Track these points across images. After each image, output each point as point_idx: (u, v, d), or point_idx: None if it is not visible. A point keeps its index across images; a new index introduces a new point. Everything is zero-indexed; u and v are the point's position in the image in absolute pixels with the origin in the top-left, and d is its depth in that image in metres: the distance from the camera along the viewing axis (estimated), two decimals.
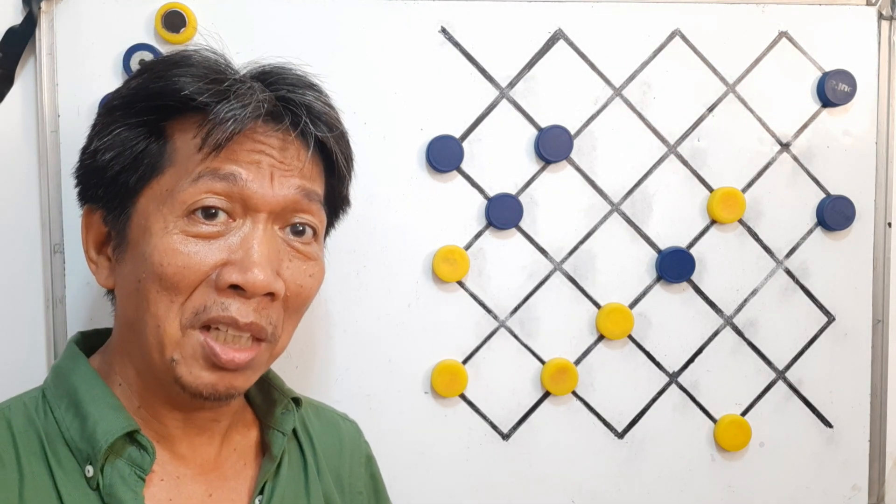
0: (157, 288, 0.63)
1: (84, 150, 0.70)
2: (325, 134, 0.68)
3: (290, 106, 0.67)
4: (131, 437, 0.65)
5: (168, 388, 0.66)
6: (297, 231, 0.68)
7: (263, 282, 0.63)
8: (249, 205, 0.65)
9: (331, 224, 0.77)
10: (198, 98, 0.64)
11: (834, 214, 1.00)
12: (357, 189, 0.93)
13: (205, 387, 0.64)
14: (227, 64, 0.69)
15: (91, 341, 0.74)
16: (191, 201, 0.63)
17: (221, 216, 0.64)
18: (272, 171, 0.66)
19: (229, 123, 0.63)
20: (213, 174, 0.63)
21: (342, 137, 0.72)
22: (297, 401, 0.76)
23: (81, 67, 0.89)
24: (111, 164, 0.67)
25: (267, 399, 0.76)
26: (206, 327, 0.64)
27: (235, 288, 0.63)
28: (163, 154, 0.66)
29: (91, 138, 0.69)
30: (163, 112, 0.66)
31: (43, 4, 0.88)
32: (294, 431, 0.77)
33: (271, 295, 0.65)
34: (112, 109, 0.68)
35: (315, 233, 0.70)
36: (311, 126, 0.67)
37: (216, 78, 0.65)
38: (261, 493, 0.71)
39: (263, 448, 0.75)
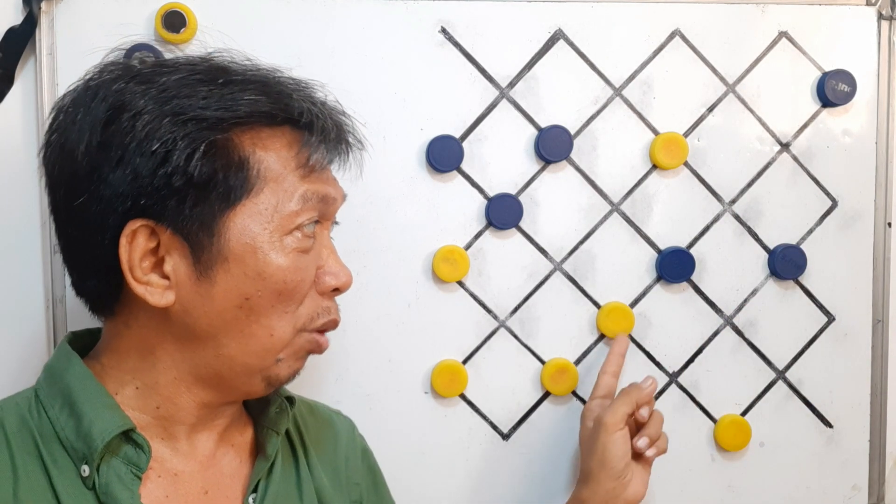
0: (273, 302, 0.67)
1: (162, 162, 0.63)
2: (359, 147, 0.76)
3: (347, 132, 0.73)
4: (127, 435, 0.65)
5: (236, 387, 0.69)
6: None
7: (351, 279, 0.72)
8: (326, 216, 0.71)
9: None
10: (301, 119, 0.67)
11: (784, 264, 1.00)
12: (357, 189, 0.94)
13: (295, 372, 0.72)
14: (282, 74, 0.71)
15: (83, 341, 0.73)
16: (299, 221, 0.67)
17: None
18: (335, 184, 0.72)
19: (326, 148, 0.69)
20: (316, 195, 0.68)
21: None
22: (290, 400, 0.77)
23: (81, 67, 0.88)
24: (209, 181, 0.63)
25: (261, 399, 0.76)
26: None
27: (334, 290, 0.71)
28: (249, 171, 0.65)
29: (169, 150, 0.62)
30: (239, 126, 0.65)
31: (43, 4, 0.88)
32: (286, 431, 0.78)
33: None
34: (184, 119, 0.63)
35: None
36: (353, 140, 0.74)
37: (305, 95, 0.69)
38: (254, 491, 0.72)
39: (257, 447, 0.75)
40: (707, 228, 1.00)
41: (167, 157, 0.62)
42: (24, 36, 0.88)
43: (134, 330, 0.68)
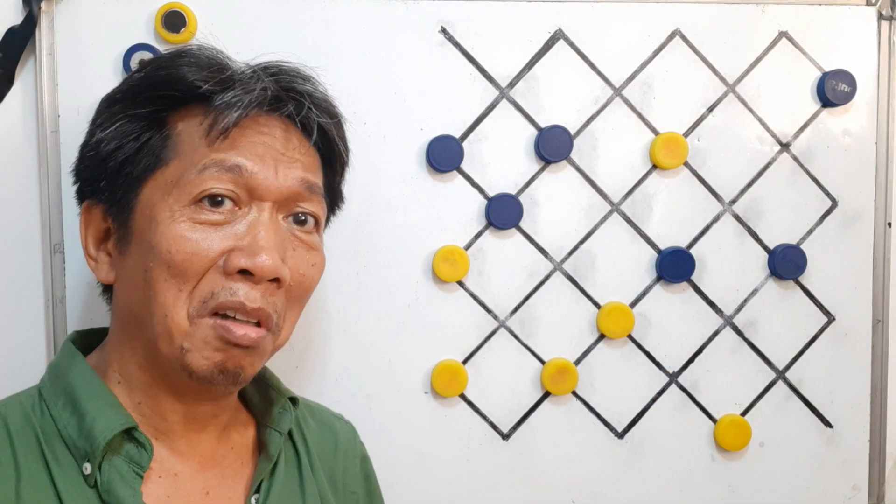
0: (164, 276, 0.63)
1: (85, 144, 0.71)
2: (327, 121, 0.70)
3: (292, 94, 0.69)
4: (129, 434, 0.65)
5: (173, 379, 0.67)
6: (300, 220, 0.70)
7: (272, 266, 0.64)
8: (255, 194, 0.66)
9: (326, 219, 0.77)
10: (202, 86, 0.66)
11: (785, 264, 1.00)
12: (357, 189, 0.94)
13: (215, 366, 0.64)
14: (227, 57, 0.71)
15: (87, 340, 0.74)
16: (197, 191, 0.64)
17: (227, 204, 0.65)
18: (276, 161, 0.67)
19: (234, 110, 0.65)
20: (220, 165, 0.65)
21: (341, 125, 0.74)
22: (293, 400, 0.77)
23: (81, 67, 0.89)
24: (114, 156, 0.67)
25: (264, 398, 0.76)
26: (215, 314, 0.64)
27: (244, 273, 0.64)
28: (166, 145, 0.66)
29: (92, 132, 0.70)
30: (165, 103, 0.67)
31: (43, 4, 0.88)
32: (289, 431, 0.77)
33: (277, 281, 0.66)
34: (114, 102, 0.69)
35: (316, 223, 0.71)
36: (314, 112, 0.69)
37: (219, 68, 0.68)
38: (257, 491, 0.72)
39: (260, 447, 0.75)
40: (707, 228, 1.00)
41: (88, 139, 0.70)
42: (24, 36, 0.88)
43: (114, 319, 0.71)
